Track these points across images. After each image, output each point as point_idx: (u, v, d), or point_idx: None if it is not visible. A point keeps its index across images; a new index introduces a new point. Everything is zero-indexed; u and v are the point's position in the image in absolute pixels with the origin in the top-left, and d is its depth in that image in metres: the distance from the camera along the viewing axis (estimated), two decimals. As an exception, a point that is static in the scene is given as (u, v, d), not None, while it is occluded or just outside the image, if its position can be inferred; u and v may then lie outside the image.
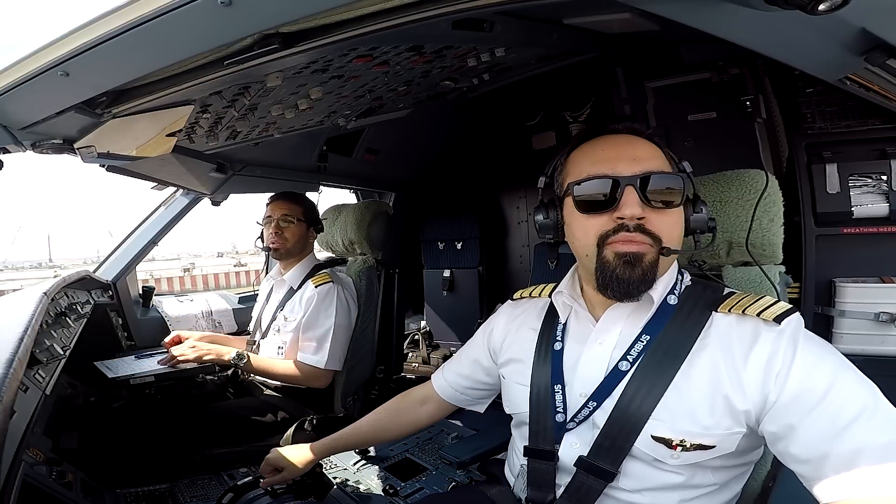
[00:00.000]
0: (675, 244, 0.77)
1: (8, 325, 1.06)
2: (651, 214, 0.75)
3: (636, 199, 0.75)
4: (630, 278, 0.75)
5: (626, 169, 0.76)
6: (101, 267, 2.41)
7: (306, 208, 1.97)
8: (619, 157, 0.78)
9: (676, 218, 0.79)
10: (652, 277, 0.76)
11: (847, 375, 0.67)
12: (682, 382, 0.75)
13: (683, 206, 0.80)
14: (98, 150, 1.19)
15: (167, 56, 0.80)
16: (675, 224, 0.78)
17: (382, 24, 0.74)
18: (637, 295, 0.77)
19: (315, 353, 1.80)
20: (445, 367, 1.16)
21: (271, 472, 1.14)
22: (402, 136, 2.51)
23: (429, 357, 3.22)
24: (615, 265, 0.75)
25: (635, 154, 0.78)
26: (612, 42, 1.80)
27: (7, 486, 0.74)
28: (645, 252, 0.75)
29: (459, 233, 3.22)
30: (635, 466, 0.77)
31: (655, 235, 0.75)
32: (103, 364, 1.78)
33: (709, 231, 0.83)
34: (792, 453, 0.67)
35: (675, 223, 0.78)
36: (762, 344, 0.71)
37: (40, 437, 1.32)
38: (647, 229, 0.75)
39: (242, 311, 2.67)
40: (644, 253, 0.75)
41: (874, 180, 1.78)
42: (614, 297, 0.78)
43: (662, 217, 0.76)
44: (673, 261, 0.85)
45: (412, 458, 1.73)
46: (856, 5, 0.58)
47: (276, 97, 1.28)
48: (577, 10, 1.25)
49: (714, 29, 0.77)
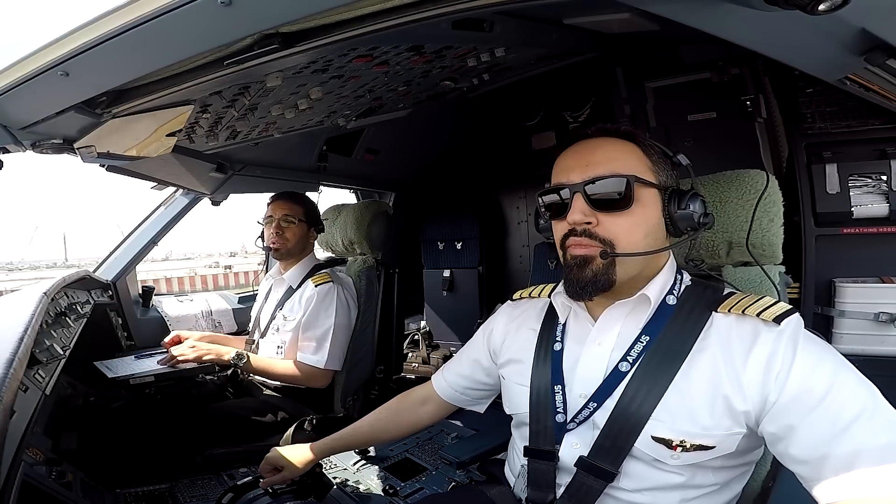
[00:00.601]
0: (630, 246, 0.77)
1: (8, 325, 1.06)
2: (604, 218, 0.78)
3: (582, 205, 0.78)
4: (580, 279, 0.78)
5: (577, 176, 0.79)
6: (101, 267, 2.41)
7: (307, 208, 1.97)
8: (575, 166, 0.81)
9: (633, 220, 0.78)
10: (606, 278, 0.77)
11: (847, 376, 0.67)
12: (682, 383, 0.75)
13: (666, 204, 0.80)
14: (98, 150, 1.19)
15: (167, 56, 0.80)
16: (631, 225, 0.78)
17: (382, 24, 0.74)
18: (590, 294, 0.79)
19: (315, 352, 1.80)
20: (445, 368, 1.16)
21: (271, 471, 1.14)
22: (402, 136, 2.51)
23: (429, 357, 3.22)
24: (571, 266, 0.80)
25: (590, 160, 0.80)
26: (612, 42, 1.80)
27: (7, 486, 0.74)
28: (592, 255, 0.77)
29: (459, 233, 3.22)
30: (635, 467, 0.77)
31: (605, 238, 0.77)
32: (103, 364, 1.78)
33: (700, 227, 0.82)
34: (791, 454, 0.67)
35: (631, 225, 0.78)
36: (762, 344, 0.71)
37: (40, 437, 1.32)
38: (593, 233, 0.78)
39: (242, 310, 2.67)
40: (592, 256, 0.77)
41: (874, 180, 1.78)
42: (571, 296, 0.82)
43: (615, 220, 0.78)
44: (664, 261, 0.84)
45: (412, 458, 1.73)
46: (856, 5, 0.58)
47: (276, 97, 1.28)
48: (577, 10, 1.25)
49: (714, 29, 0.77)
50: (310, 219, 1.97)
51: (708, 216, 0.83)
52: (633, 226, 0.78)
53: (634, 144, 0.82)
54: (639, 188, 0.78)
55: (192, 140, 1.58)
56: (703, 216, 0.81)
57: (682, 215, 0.80)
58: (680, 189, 0.82)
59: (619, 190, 0.77)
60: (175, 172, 1.88)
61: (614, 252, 0.77)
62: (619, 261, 0.77)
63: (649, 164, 0.81)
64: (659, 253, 0.81)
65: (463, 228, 3.20)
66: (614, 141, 0.83)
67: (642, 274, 0.82)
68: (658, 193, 0.81)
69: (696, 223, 0.81)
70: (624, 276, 0.78)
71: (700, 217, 0.81)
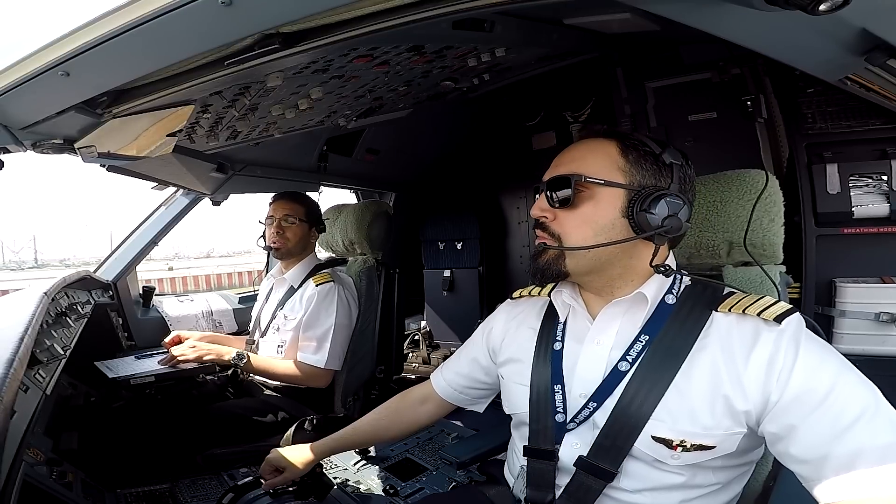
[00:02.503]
0: (578, 242, 0.80)
1: (8, 325, 1.06)
2: (560, 214, 0.82)
3: (542, 202, 0.84)
4: (535, 266, 0.85)
5: (549, 174, 0.85)
6: (102, 267, 2.41)
7: (308, 208, 1.97)
8: (556, 164, 0.86)
9: (580, 217, 0.80)
10: (556, 269, 0.82)
11: (848, 377, 0.67)
12: (682, 383, 0.75)
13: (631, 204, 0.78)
14: (98, 150, 1.19)
15: (168, 56, 0.80)
16: (578, 223, 0.81)
17: (383, 24, 0.74)
18: (544, 280, 0.86)
19: (315, 352, 1.80)
20: (444, 367, 1.16)
21: (272, 472, 1.14)
22: (403, 137, 2.51)
23: (429, 357, 3.22)
24: (533, 254, 0.87)
25: (560, 161, 0.86)
26: (612, 42, 1.80)
27: (7, 487, 0.74)
28: (543, 246, 0.84)
29: (459, 233, 3.22)
30: (635, 466, 0.77)
31: (555, 232, 0.83)
32: (104, 364, 1.78)
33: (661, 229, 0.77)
34: (792, 454, 0.67)
35: (578, 222, 0.81)
36: (763, 344, 0.71)
37: (40, 437, 1.32)
38: (546, 226, 0.84)
39: (243, 310, 2.67)
40: (543, 247, 0.84)
41: (874, 180, 1.78)
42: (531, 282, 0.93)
43: (566, 216, 0.82)
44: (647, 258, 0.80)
45: (412, 458, 1.73)
46: (856, 6, 0.58)
47: (277, 97, 1.28)
48: (577, 11, 1.24)
49: (714, 29, 0.77)
50: (311, 219, 1.97)
51: (673, 218, 0.77)
52: (581, 223, 0.81)
53: (614, 144, 0.81)
54: (591, 187, 0.79)
55: (193, 140, 1.58)
56: (666, 219, 0.77)
57: (641, 217, 0.77)
58: (654, 191, 0.78)
59: (566, 188, 0.81)
60: (175, 172, 1.88)
61: (560, 246, 0.82)
62: (568, 254, 0.81)
63: (621, 164, 0.80)
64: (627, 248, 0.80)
65: (463, 228, 3.20)
66: (590, 141, 0.85)
67: (612, 272, 0.82)
68: (623, 193, 0.79)
69: (657, 226, 0.76)
70: (576, 268, 0.82)
71: (664, 220, 0.77)
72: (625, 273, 0.83)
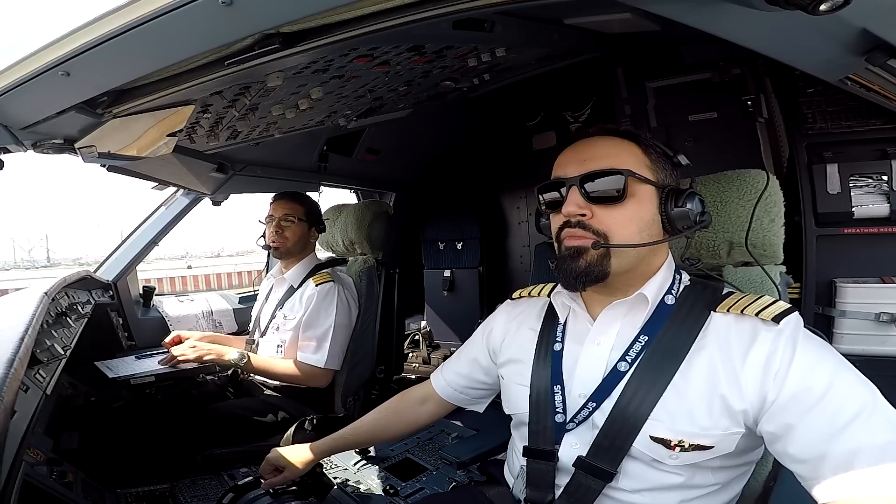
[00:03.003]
0: (624, 239, 0.78)
1: (9, 324, 1.06)
2: (598, 211, 0.79)
3: (577, 198, 0.79)
4: (574, 270, 0.79)
5: (573, 171, 0.81)
6: (102, 267, 2.41)
7: (308, 208, 1.97)
8: (572, 161, 0.83)
9: (627, 214, 0.79)
10: (600, 269, 0.78)
11: (846, 375, 0.67)
12: (680, 383, 0.75)
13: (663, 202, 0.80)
14: (99, 149, 1.19)
15: (168, 56, 0.80)
16: (625, 219, 0.79)
17: (383, 24, 0.74)
18: (584, 284, 0.80)
19: (315, 352, 1.80)
20: (444, 367, 1.16)
21: (272, 472, 1.14)
22: (403, 137, 2.51)
23: (429, 357, 3.22)
24: (564, 257, 0.81)
25: (587, 156, 0.82)
26: (612, 42, 1.80)
27: (8, 487, 0.74)
28: (585, 246, 0.78)
29: (460, 233, 3.22)
30: (634, 467, 0.77)
31: (598, 230, 0.78)
32: (104, 364, 1.78)
33: (697, 225, 0.82)
34: (790, 453, 0.67)
35: (625, 219, 0.79)
36: (761, 343, 0.71)
37: (41, 437, 1.32)
38: (587, 224, 0.79)
39: (243, 310, 2.67)
40: (585, 247, 0.78)
41: (875, 180, 1.77)
42: (565, 288, 0.85)
43: (610, 213, 0.79)
44: (661, 260, 0.84)
45: (412, 458, 1.73)
46: (857, 6, 0.58)
47: (277, 97, 1.28)
48: (577, 11, 1.24)
49: (715, 29, 0.77)
50: (310, 218, 1.97)
51: (705, 215, 0.83)
52: (628, 219, 0.79)
53: (634, 143, 0.83)
54: (634, 183, 0.78)
55: (193, 140, 1.58)
56: (700, 214, 0.82)
57: (678, 213, 0.80)
58: (678, 188, 0.83)
59: (614, 184, 0.78)
60: (176, 172, 1.88)
61: (608, 243, 0.78)
62: (613, 253, 0.78)
63: (647, 162, 0.82)
64: (653, 247, 0.81)
65: (463, 228, 3.20)
66: (613, 139, 0.83)
67: (638, 271, 0.82)
68: (655, 191, 0.81)
69: (693, 221, 0.81)
70: (619, 268, 0.79)
71: (697, 215, 0.81)
72: (646, 271, 0.83)
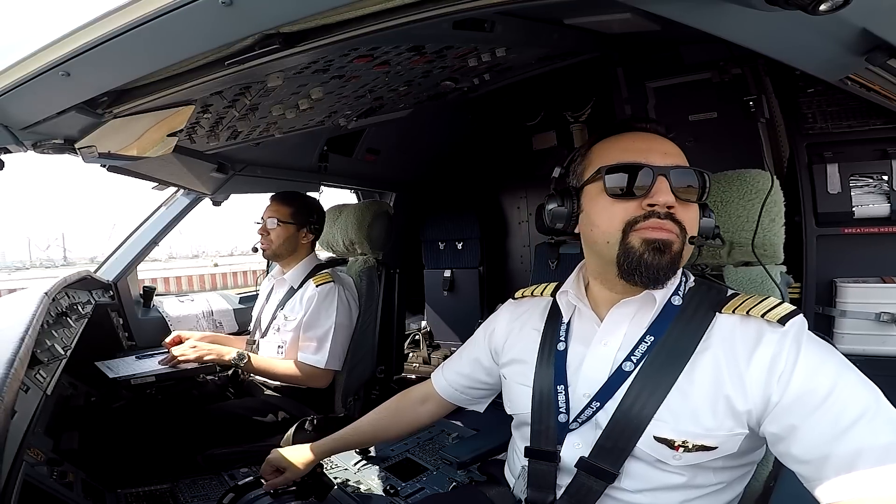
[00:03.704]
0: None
1: (9, 325, 1.06)
2: (678, 206, 0.77)
3: (668, 188, 0.76)
4: (659, 264, 0.75)
5: (658, 160, 0.78)
6: (102, 267, 2.41)
7: (295, 209, 1.93)
8: (651, 149, 0.80)
9: (696, 214, 0.81)
10: (677, 266, 0.78)
11: (849, 377, 0.67)
12: (685, 384, 0.75)
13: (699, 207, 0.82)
14: (99, 150, 1.19)
15: (168, 56, 0.80)
16: (696, 219, 0.81)
17: (383, 24, 0.73)
18: (664, 281, 0.77)
19: (315, 352, 1.80)
20: (445, 366, 1.16)
21: (272, 472, 1.14)
22: (403, 137, 2.50)
23: (429, 357, 3.22)
24: (642, 251, 0.75)
25: (665, 149, 0.81)
26: (612, 42, 1.80)
27: (8, 487, 0.74)
28: (673, 240, 0.76)
29: (460, 233, 3.22)
30: (637, 467, 0.77)
31: (683, 225, 0.77)
32: (104, 364, 1.78)
33: (714, 238, 0.85)
34: (793, 454, 0.67)
35: (695, 218, 0.81)
36: (766, 345, 0.71)
37: (41, 437, 1.32)
38: (676, 218, 0.77)
39: (243, 310, 2.67)
40: (672, 241, 0.76)
41: (875, 180, 1.77)
42: (641, 284, 0.77)
43: (687, 210, 0.79)
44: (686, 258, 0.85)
45: (413, 458, 1.73)
46: (857, 6, 0.58)
47: (277, 97, 1.28)
48: (577, 11, 1.24)
49: (715, 29, 0.77)
50: (298, 220, 1.93)
51: (718, 228, 0.87)
52: (696, 219, 0.82)
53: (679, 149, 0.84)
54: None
55: (193, 140, 1.58)
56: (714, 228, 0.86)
57: (706, 223, 0.84)
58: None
59: (697, 181, 0.79)
60: (176, 172, 1.88)
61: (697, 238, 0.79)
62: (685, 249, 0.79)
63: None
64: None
65: (464, 228, 3.20)
66: (667, 139, 0.84)
67: None
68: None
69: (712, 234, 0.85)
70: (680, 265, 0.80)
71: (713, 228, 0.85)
72: None
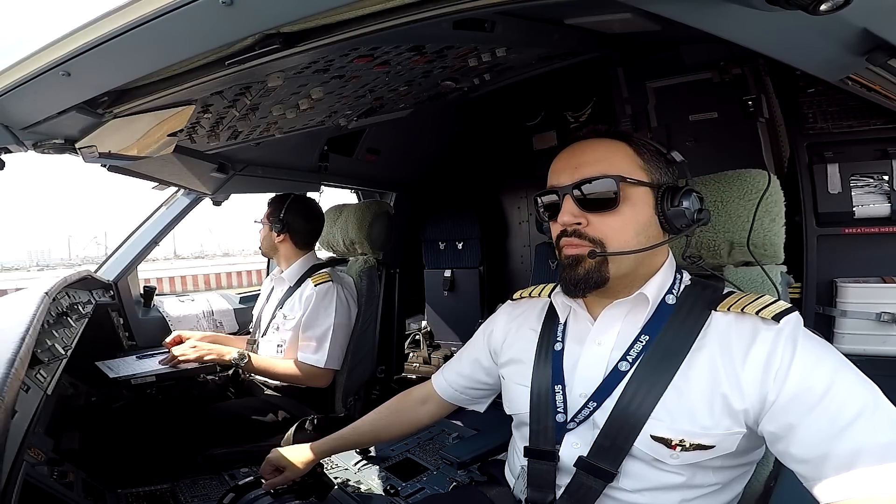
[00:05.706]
0: (620, 245, 0.78)
1: (9, 324, 1.06)
2: (594, 218, 0.79)
3: (571, 207, 0.80)
4: (574, 277, 0.80)
5: (566, 179, 0.81)
6: (103, 267, 2.41)
7: (270, 211, 1.94)
8: (564, 168, 0.83)
9: (622, 219, 0.79)
10: (599, 277, 0.79)
11: (847, 375, 0.67)
12: (681, 382, 0.75)
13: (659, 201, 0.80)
14: (99, 150, 1.19)
15: (169, 56, 0.80)
16: (621, 225, 0.79)
17: (383, 24, 0.73)
18: (586, 291, 0.80)
19: (315, 352, 1.81)
20: (446, 367, 1.16)
21: (272, 472, 1.14)
22: (403, 137, 2.51)
23: (430, 357, 3.23)
24: (564, 265, 0.82)
25: (579, 162, 0.82)
26: (613, 42, 1.80)
27: (8, 487, 0.74)
28: (582, 254, 0.79)
29: (460, 233, 3.22)
30: (635, 466, 0.77)
31: (595, 238, 0.79)
32: (104, 364, 1.79)
33: (696, 223, 0.82)
34: (792, 453, 0.67)
35: (621, 224, 0.79)
36: (761, 343, 0.71)
37: (41, 437, 1.32)
38: (583, 233, 0.79)
39: (244, 310, 2.68)
40: (582, 255, 0.79)
41: (875, 180, 1.77)
42: (566, 294, 0.84)
43: (605, 219, 0.79)
44: (662, 260, 0.85)
45: (413, 458, 1.73)
46: (857, 6, 0.58)
47: (278, 97, 1.28)
48: (578, 11, 1.24)
49: (715, 29, 0.77)
50: (271, 221, 1.91)
51: (703, 212, 0.83)
52: (623, 225, 0.79)
53: (626, 144, 0.83)
54: (627, 187, 0.78)
55: (194, 140, 1.58)
56: (697, 212, 0.81)
57: (674, 212, 0.80)
58: (675, 186, 0.82)
59: (606, 190, 0.78)
60: (176, 172, 1.88)
61: (604, 251, 0.78)
62: (611, 259, 0.78)
63: (640, 163, 0.81)
64: (653, 250, 0.81)
65: (464, 228, 3.20)
66: (605, 142, 0.83)
67: (638, 272, 0.82)
68: (650, 191, 0.81)
69: (691, 219, 0.81)
70: (617, 273, 0.79)
71: (694, 213, 0.81)
72: (646, 271, 0.83)
